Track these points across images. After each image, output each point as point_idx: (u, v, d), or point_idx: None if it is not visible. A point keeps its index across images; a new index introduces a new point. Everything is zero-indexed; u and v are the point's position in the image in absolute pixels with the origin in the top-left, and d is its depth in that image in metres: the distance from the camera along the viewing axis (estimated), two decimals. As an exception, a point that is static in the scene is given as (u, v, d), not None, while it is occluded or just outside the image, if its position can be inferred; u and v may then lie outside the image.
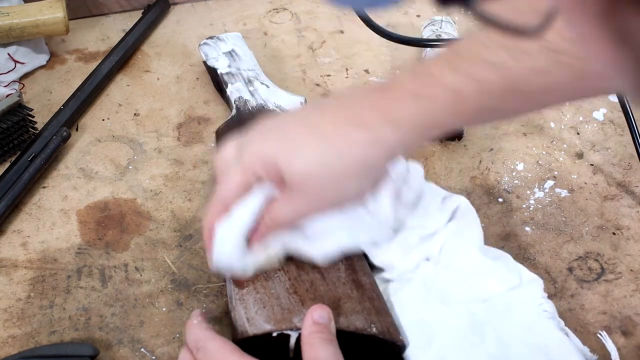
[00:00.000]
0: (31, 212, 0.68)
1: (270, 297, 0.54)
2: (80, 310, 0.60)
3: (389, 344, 0.53)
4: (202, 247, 0.65)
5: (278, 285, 0.55)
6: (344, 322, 0.53)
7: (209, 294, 0.61)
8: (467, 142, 0.74)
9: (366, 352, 0.54)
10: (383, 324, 0.53)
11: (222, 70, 0.77)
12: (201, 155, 0.73)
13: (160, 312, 0.60)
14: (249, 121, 0.69)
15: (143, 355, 0.57)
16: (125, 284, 0.62)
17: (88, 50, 0.85)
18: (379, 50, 0.84)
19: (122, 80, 0.81)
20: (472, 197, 0.69)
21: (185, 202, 0.69)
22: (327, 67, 0.82)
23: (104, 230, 0.66)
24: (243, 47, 0.80)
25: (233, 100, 0.74)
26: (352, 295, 0.55)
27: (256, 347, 0.51)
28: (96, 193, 0.70)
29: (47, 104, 0.78)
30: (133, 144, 0.74)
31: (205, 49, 0.79)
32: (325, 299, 0.54)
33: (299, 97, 0.74)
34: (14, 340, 0.58)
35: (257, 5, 0.90)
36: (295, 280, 0.55)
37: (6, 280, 0.63)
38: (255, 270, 0.56)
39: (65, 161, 0.73)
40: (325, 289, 0.55)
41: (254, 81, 0.75)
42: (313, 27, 0.87)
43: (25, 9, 0.78)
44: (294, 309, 0.53)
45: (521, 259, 0.64)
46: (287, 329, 0.52)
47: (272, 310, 0.53)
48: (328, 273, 0.56)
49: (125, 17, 0.89)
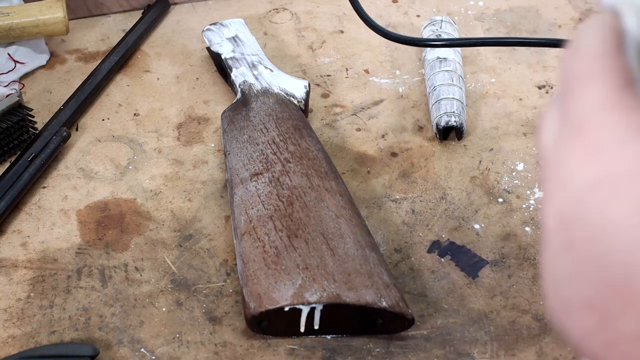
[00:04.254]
0: (31, 212, 0.68)
1: (282, 273, 0.57)
2: (80, 310, 0.60)
3: (399, 318, 0.56)
4: (202, 247, 0.65)
5: (289, 262, 0.57)
6: (354, 297, 0.55)
7: (209, 294, 0.61)
8: (467, 142, 0.74)
9: (376, 326, 0.57)
10: (393, 298, 0.56)
11: (226, 55, 0.78)
12: (201, 155, 0.73)
13: (160, 312, 0.60)
14: (254, 104, 0.71)
15: (143, 355, 0.57)
16: (125, 284, 0.62)
17: (88, 50, 0.85)
18: (379, 50, 0.84)
19: (122, 80, 0.81)
20: (472, 197, 0.69)
21: (185, 202, 0.69)
22: (327, 67, 0.82)
23: (104, 230, 0.66)
24: (246, 32, 0.81)
25: (238, 85, 0.75)
26: (362, 270, 0.57)
27: (268, 322, 0.56)
28: (96, 193, 0.70)
29: (47, 104, 0.78)
30: (133, 144, 0.74)
31: (209, 34, 0.80)
32: (336, 273, 0.57)
33: (303, 81, 0.75)
34: (13, 340, 0.58)
35: (257, 5, 0.90)
36: (306, 256, 0.58)
37: (6, 280, 0.63)
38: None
39: (65, 161, 0.73)
40: (335, 264, 0.57)
41: (257, 65, 0.76)
42: (313, 27, 0.87)
43: (25, 9, 0.78)
44: (305, 284, 0.56)
45: (521, 258, 0.64)
46: (299, 303, 0.55)
47: (284, 285, 0.56)
48: (337, 249, 0.59)
49: (125, 17, 0.89)
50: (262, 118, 0.70)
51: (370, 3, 0.90)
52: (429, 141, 0.74)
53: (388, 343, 0.58)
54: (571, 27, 0.86)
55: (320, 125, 0.76)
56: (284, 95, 0.73)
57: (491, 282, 0.62)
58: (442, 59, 0.77)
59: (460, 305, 0.61)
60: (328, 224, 0.60)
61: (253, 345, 0.58)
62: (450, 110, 0.72)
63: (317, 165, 0.66)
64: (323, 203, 0.62)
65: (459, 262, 0.64)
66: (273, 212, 0.61)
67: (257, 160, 0.66)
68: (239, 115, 0.71)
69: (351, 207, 0.63)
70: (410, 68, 0.82)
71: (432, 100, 0.75)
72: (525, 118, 0.76)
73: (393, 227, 0.67)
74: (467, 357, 0.57)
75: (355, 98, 0.79)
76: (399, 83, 0.80)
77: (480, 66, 0.82)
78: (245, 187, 0.64)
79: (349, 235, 0.60)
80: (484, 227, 0.66)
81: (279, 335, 0.58)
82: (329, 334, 0.58)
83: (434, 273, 0.63)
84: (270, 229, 0.60)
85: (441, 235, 0.66)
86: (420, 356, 0.57)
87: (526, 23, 0.87)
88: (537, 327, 0.59)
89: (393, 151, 0.73)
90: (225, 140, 0.70)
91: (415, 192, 0.70)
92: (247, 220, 0.61)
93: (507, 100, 0.78)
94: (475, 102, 0.78)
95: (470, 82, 0.80)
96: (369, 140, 0.74)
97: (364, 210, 0.68)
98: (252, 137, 0.68)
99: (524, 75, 0.81)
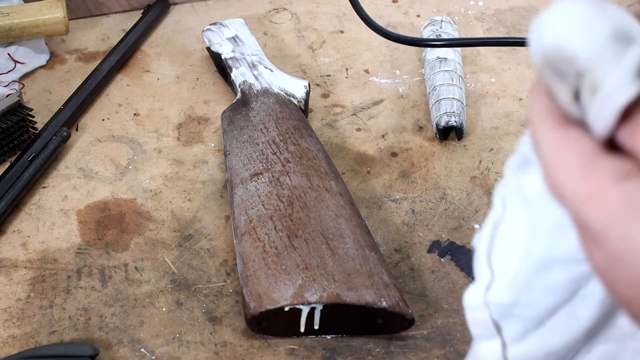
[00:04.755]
0: (31, 212, 0.68)
1: (282, 273, 0.57)
2: (80, 310, 0.60)
3: (399, 318, 0.56)
4: (202, 247, 0.65)
5: (289, 262, 0.57)
6: (354, 297, 0.56)
7: (209, 294, 0.61)
8: (467, 142, 0.74)
9: (376, 326, 0.57)
10: (393, 298, 0.56)
11: (226, 55, 0.78)
12: (201, 155, 0.73)
13: (160, 312, 0.60)
14: (254, 104, 0.71)
15: (143, 355, 0.57)
16: (125, 284, 0.62)
17: (88, 50, 0.85)
18: (379, 50, 0.84)
19: (122, 80, 0.81)
20: (472, 197, 0.69)
21: (185, 202, 0.69)
22: (327, 67, 0.82)
23: (104, 230, 0.66)
24: (246, 32, 0.81)
25: (238, 85, 0.75)
26: (362, 270, 0.57)
27: (268, 322, 0.56)
28: (96, 193, 0.70)
29: (47, 104, 0.78)
30: (133, 144, 0.74)
31: (209, 34, 0.81)
32: (336, 274, 0.57)
33: (303, 81, 0.75)
34: (14, 340, 0.58)
35: (257, 5, 0.90)
36: (306, 256, 0.58)
37: (6, 280, 0.63)
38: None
39: (65, 161, 0.73)
40: (335, 264, 0.58)
41: (257, 65, 0.76)
42: (313, 27, 0.87)
43: (25, 9, 0.78)
44: (305, 284, 0.56)
45: (521, 259, 0.64)
46: (299, 303, 0.55)
47: (284, 285, 0.56)
48: (337, 249, 0.59)
49: (125, 17, 0.89)
50: (262, 118, 0.70)
51: (370, 3, 0.90)
52: (429, 141, 0.74)
53: (388, 343, 0.58)
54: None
55: (320, 125, 0.76)
56: (284, 95, 0.73)
57: (491, 282, 0.62)
58: (442, 59, 0.77)
59: (460, 305, 0.61)
60: (328, 224, 0.60)
61: (253, 345, 0.58)
62: (450, 110, 0.73)
63: (317, 165, 0.66)
64: (323, 203, 0.62)
65: (459, 262, 0.64)
66: (273, 212, 0.61)
67: (257, 160, 0.66)
68: (239, 115, 0.71)
69: (351, 207, 0.63)
70: (410, 68, 0.82)
71: (432, 100, 0.75)
72: (525, 118, 0.76)
73: (393, 227, 0.67)
74: (467, 357, 0.57)
75: (355, 98, 0.79)
76: (399, 83, 0.80)
77: (480, 66, 0.82)
78: (245, 187, 0.64)
79: (349, 235, 0.60)
80: (483, 226, 0.66)
81: (279, 335, 0.58)
82: (329, 334, 0.58)
83: (434, 273, 0.63)
84: (270, 229, 0.60)
85: (441, 235, 0.66)
86: (420, 356, 0.57)
87: (526, 23, 0.87)
88: (537, 327, 0.59)
89: (393, 151, 0.73)
90: (225, 140, 0.70)
91: (415, 192, 0.70)
92: (247, 220, 0.61)
93: (507, 100, 0.78)
94: (475, 102, 0.78)
95: (470, 82, 0.80)
96: (369, 140, 0.74)
97: (364, 210, 0.68)
98: (252, 137, 0.68)
99: (524, 75, 0.81)
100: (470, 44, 0.78)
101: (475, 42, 0.78)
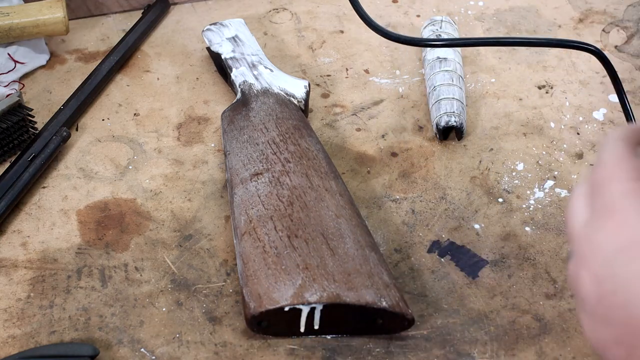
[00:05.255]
0: (31, 212, 0.68)
1: (282, 273, 0.57)
2: (80, 310, 0.60)
3: (399, 318, 0.56)
4: (202, 247, 0.65)
5: (289, 262, 0.57)
6: (354, 297, 0.56)
7: (209, 294, 0.61)
8: (467, 142, 0.74)
9: (376, 326, 0.57)
10: (393, 298, 0.56)
11: (226, 55, 0.78)
12: (201, 155, 0.73)
13: (160, 312, 0.60)
14: (254, 104, 0.71)
15: (143, 355, 0.57)
16: (125, 284, 0.62)
17: (88, 50, 0.85)
18: (379, 50, 0.84)
19: (122, 80, 0.81)
20: (472, 197, 0.69)
21: (185, 202, 0.69)
22: (327, 67, 0.82)
23: (104, 230, 0.66)
24: (246, 32, 0.81)
25: (238, 85, 0.75)
26: (362, 270, 0.57)
27: (268, 322, 0.56)
28: (96, 193, 0.70)
29: (47, 104, 0.78)
30: (133, 144, 0.74)
31: (209, 34, 0.80)
32: (336, 274, 0.57)
33: (303, 81, 0.75)
34: (13, 340, 0.58)
35: (257, 5, 0.90)
36: (306, 256, 0.58)
37: (6, 280, 0.63)
38: None
39: (65, 161, 0.73)
40: (335, 264, 0.57)
41: (257, 65, 0.76)
42: (313, 27, 0.87)
43: (25, 9, 0.78)
44: (305, 284, 0.56)
45: (521, 258, 0.64)
46: (299, 303, 0.55)
47: (284, 285, 0.56)
48: (337, 249, 0.59)
49: (125, 17, 0.89)
50: (262, 118, 0.70)
51: (370, 3, 0.90)
52: (429, 141, 0.74)
53: (388, 343, 0.58)
54: (571, 27, 0.86)
55: (320, 125, 0.76)
56: (284, 95, 0.73)
57: (491, 282, 0.62)
58: (442, 59, 0.77)
59: (460, 305, 0.61)
60: (328, 224, 0.60)
61: (253, 345, 0.58)
62: (450, 110, 0.73)
63: (317, 165, 0.66)
64: (323, 203, 0.62)
65: (459, 262, 0.64)
66: (273, 212, 0.61)
67: (257, 160, 0.66)
68: (239, 115, 0.71)
69: (351, 207, 0.63)
70: (410, 68, 0.82)
71: (432, 100, 0.75)
72: (525, 118, 0.76)
73: (393, 227, 0.67)
74: (467, 357, 0.57)
75: (355, 98, 0.79)
76: (399, 83, 0.80)
77: (480, 66, 0.82)
78: (245, 187, 0.64)
79: (349, 235, 0.60)
80: (483, 227, 0.66)
81: (279, 335, 0.58)
82: (329, 334, 0.58)
83: (434, 273, 0.63)
84: (270, 229, 0.60)
85: (441, 235, 0.66)
86: (420, 356, 0.57)
87: (526, 23, 0.87)
88: (537, 327, 0.59)
89: (393, 151, 0.73)
90: (225, 140, 0.70)
91: (415, 192, 0.70)
92: (247, 220, 0.61)
93: (507, 100, 0.78)
94: (475, 102, 0.78)
95: (470, 82, 0.80)
96: (369, 140, 0.74)
97: (364, 210, 0.68)
98: (252, 137, 0.68)
99: (524, 75, 0.81)
100: (470, 44, 0.78)
101: (475, 42, 0.78)
